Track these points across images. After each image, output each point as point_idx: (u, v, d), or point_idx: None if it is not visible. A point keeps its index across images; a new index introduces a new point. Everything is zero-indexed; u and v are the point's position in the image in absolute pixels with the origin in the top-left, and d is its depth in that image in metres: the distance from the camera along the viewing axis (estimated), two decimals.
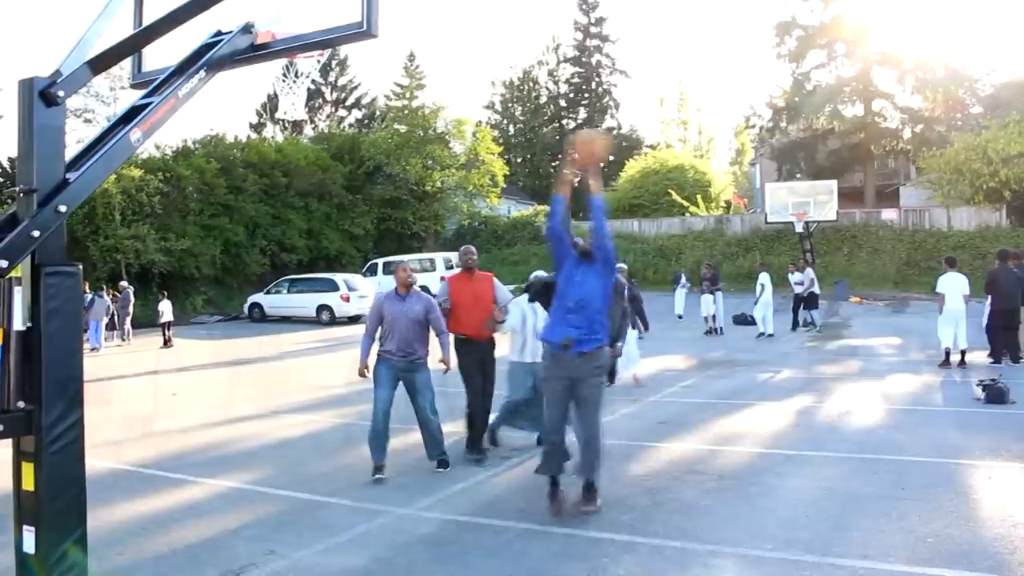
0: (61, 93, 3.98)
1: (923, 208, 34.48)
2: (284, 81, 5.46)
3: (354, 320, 28.09)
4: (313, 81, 5.64)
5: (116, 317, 23.00)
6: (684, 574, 4.82)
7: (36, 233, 3.76)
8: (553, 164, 61.80)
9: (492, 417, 8.19)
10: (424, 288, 34.70)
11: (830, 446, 8.14)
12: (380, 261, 33.98)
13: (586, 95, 62.64)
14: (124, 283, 24.26)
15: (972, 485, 6.59)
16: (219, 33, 4.90)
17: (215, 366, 17.50)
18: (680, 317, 23.30)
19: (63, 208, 3.90)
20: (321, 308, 28.07)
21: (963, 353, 13.19)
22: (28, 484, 3.81)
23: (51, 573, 3.75)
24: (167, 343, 22.02)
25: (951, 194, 33.46)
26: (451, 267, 31.44)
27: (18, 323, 3.75)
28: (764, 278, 19.48)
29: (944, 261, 13.97)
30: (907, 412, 9.95)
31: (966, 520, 5.58)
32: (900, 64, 40.96)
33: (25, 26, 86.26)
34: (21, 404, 3.77)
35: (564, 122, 63.28)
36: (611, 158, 58.72)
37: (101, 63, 4.38)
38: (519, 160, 61.34)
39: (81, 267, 4.10)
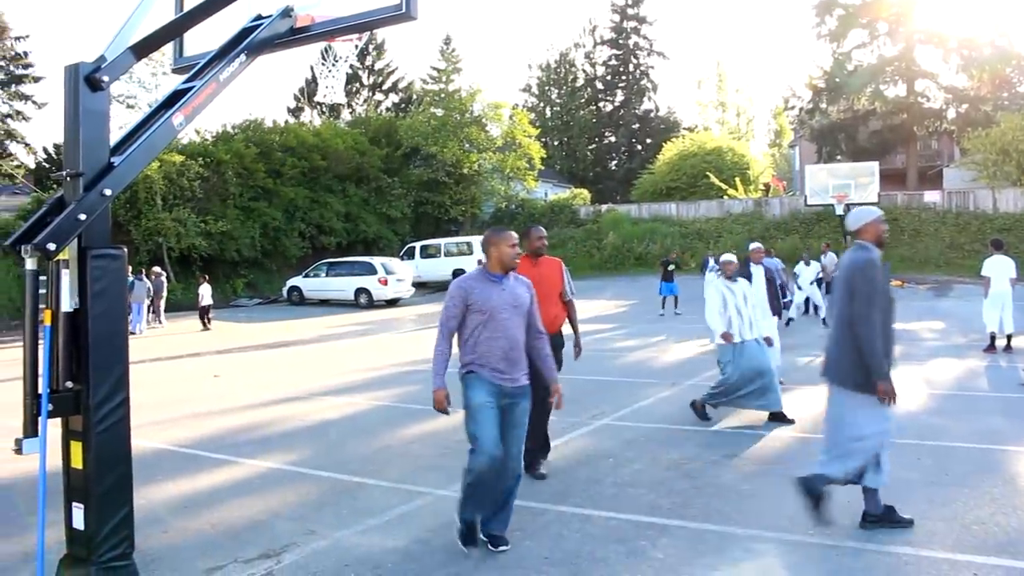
0: (106, 78, 4.02)
1: (967, 190, 33.86)
2: (324, 64, 5.48)
3: (392, 303, 28.25)
4: (351, 65, 5.63)
5: (151, 301, 23.40)
6: (724, 558, 4.80)
7: (82, 216, 3.82)
8: (590, 147, 61.55)
9: None
10: (461, 272, 34.64)
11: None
12: (417, 244, 34.11)
13: (623, 77, 62.12)
14: (157, 268, 24.63)
15: (1019, 472, 6.49)
16: (259, 17, 4.92)
17: (255, 348, 17.70)
18: None
19: (108, 191, 3.95)
20: (359, 291, 28.29)
21: (1009, 337, 12.98)
22: (77, 462, 3.89)
23: (99, 549, 3.83)
24: (205, 326, 22.32)
25: (997, 175, 32.84)
26: None
27: (66, 304, 3.81)
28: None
29: (990, 244, 13.70)
30: (951, 397, 9.81)
31: (1013, 508, 5.49)
32: (945, 42, 40.16)
33: (70, 14, 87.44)
34: (69, 384, 3.84)
35: (601, 105, 62.92)
36: (648, 140, 58.55)
37: (144, 48, 4.42)
38: (556, 143, 61.09)
39: (126, 250, 4.16)
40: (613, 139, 62.81)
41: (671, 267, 22.17)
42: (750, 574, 4.64)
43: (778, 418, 8.43)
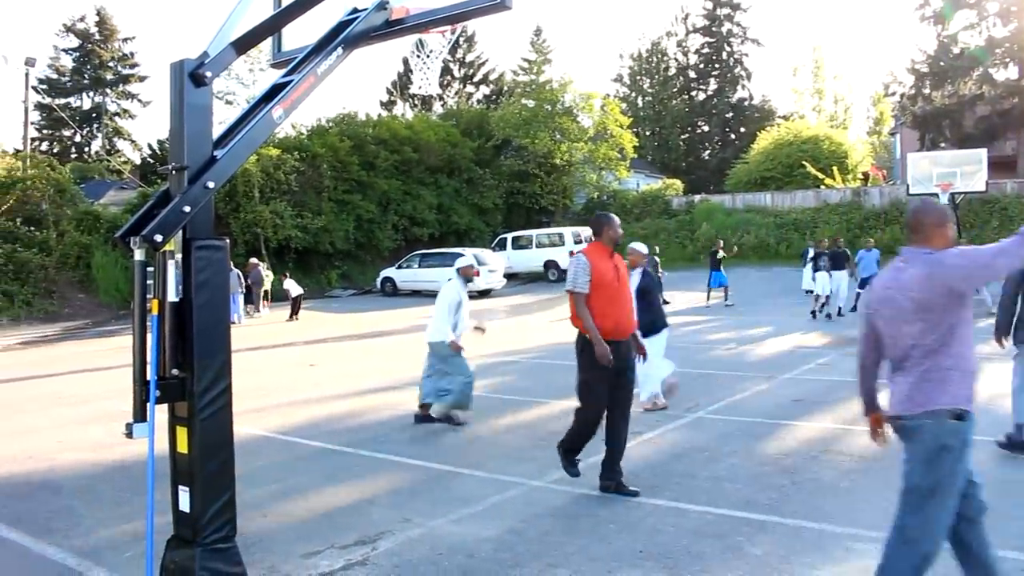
0: (208, 73, 4.12)
1: None
2: (418, 57, 5.51)
3: (484, 294, 28.40)
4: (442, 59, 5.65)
5: (251, 292, 24.18)
6: (825, 557, 4.66)
7: (187, 208, 3.92)
8: (683, 137, 60.69)
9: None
10: (553, 263, 33.99)
11: (980, 430, 7.64)
12: (509, 236, 34.18)
13: (716, 66, 61.04)
14: (254, 260, 25.37)
15: None
16: (355, 10, 4.97)
17: (349, 339, 18.03)
18: (809, 292, 22.40)
19: (211, 184, 4.05)
20: None
21: None
22: (182, 447, 4.01)
23: (204, 531, 3.94)
24: (292, 317, 22.96)
25: None
26: (579, 242, 31.21)
27: (171, 294, 3.93)
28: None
29: None
30: None
31: None
32: None
33: (172, 14, 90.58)
34: (175, 372, 3.96)
35: (694, 94, 61.98)
36: (742, 129, 57.42)
37: (244, 44, 4.51)
38: (648, 133, 60.41)
39: (228, 241, 4.26)
40: (706, 128, 61.83)
41: (719, 255, 21.96)
42: (853, 574, 4.49)
43: (427, 419, 8.67)
